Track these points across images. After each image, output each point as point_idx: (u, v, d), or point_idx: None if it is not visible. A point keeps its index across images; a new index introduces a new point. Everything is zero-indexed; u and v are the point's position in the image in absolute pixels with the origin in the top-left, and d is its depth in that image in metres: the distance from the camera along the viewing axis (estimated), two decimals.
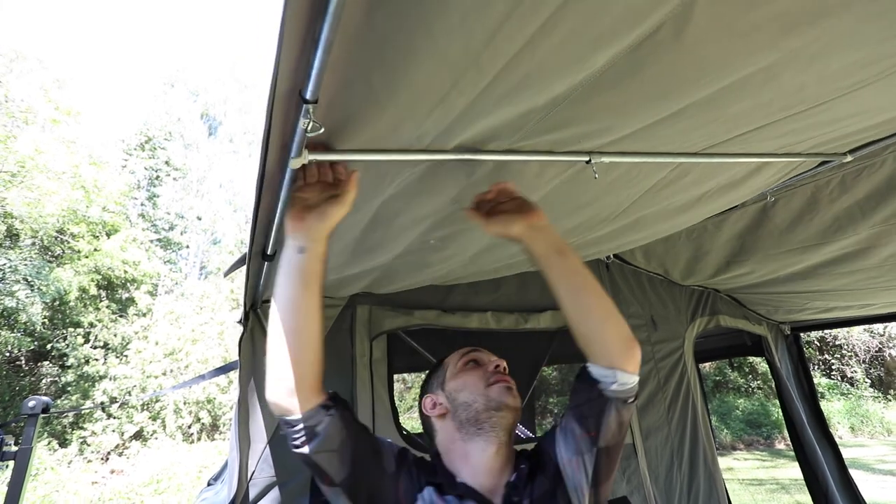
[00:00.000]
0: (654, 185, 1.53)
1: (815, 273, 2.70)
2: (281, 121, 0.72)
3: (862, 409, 12.80)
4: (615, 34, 0.67)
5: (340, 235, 1.40)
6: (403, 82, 0.72)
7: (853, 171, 2.00)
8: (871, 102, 1.24)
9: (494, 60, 0.69)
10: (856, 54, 0.87)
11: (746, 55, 0.77)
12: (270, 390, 0.94)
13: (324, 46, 0.56)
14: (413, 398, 12.94)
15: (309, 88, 0.62)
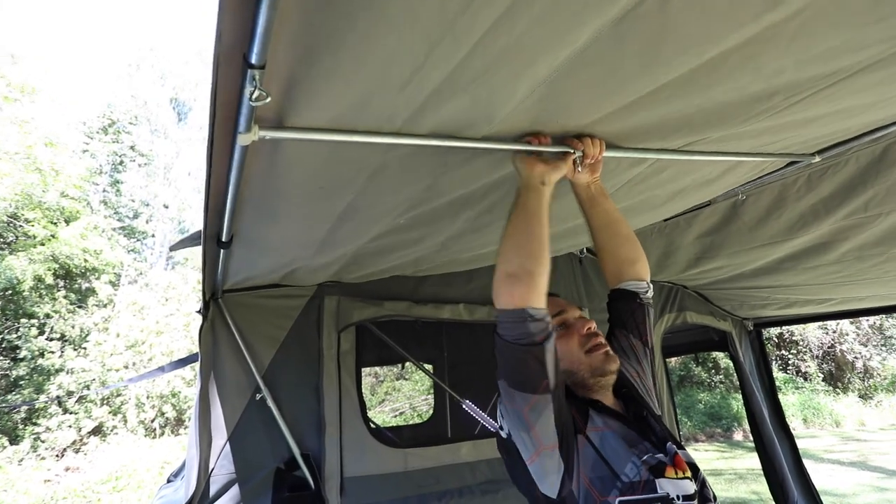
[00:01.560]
0: (632, 178, 1.51)
1: (780, 268, 2.76)
2: (226, 89, 0.65)
3: (814, 402, 13.43)
4: (600, 5, 0.62)
5: (313, 224, 1.33)
6: (373, 52, 0.65)
7: (819, 170, 2.03)
8: (845, 101, 1.24)
9: (471, 29, 0.63)
10: (835, 39, 0.85)
11: (727, 31, 0.74)
12: (521, 283, 0.94)
13: (268, 1, 0.49)
14: (385, 392, 12.86)
15: (254, 51, 0.55)
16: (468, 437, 2.51)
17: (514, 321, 0.91)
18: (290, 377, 2.06)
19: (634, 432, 1.04)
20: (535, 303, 0.92)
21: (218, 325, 1.95)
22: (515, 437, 0.96)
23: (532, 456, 0.94)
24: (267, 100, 0.63)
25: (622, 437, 1.02)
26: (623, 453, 0.96)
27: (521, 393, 0.92)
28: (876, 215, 2.13)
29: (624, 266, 1.27)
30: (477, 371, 3.99)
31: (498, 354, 0.95)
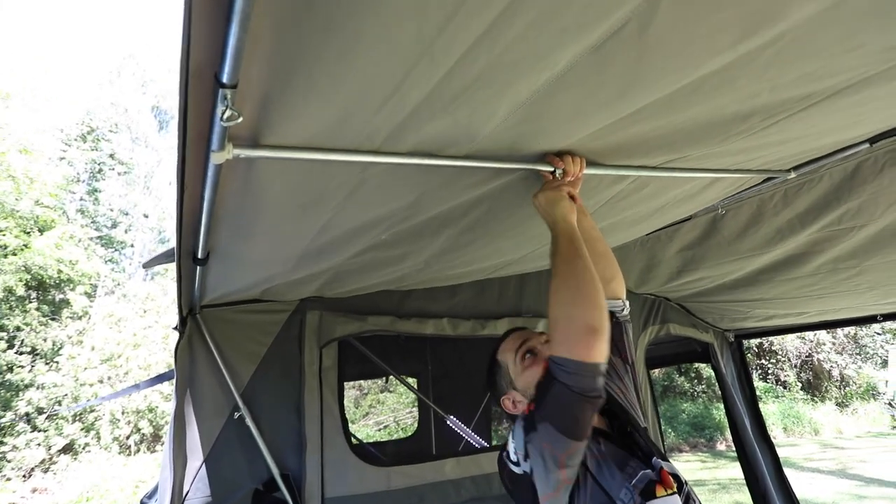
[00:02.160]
0: (614, 195, 1.52)
1: (757, 279, 2.81)
2: (197, 107, 0.62)
3: (794, 410, 13.66)
4: (580, 28, 0.62)
5: (291, 241, 1.30)
6: (350, 72, 0.64)
7: (795, 186, 2.08)
8: (818, 123, 1.27)
9: (449, 50, 0.62)
10: (808, 66, 0.87)
11: (707, 56, 0.75)
12: (601, 338, 0.94)
13: (239, 20, 0.47)
14: (369, 405, 12.69)
15: (225, 70, 0.53)
16: (453, 453, 2.47)
17: (587, 374, 0.91)
18: (270, 395, 2.01)
19: (622, 450, 1.07)
20: (606, 357, 0.94)
21: (195, 342, 1.89)
22: (539, 474, 0.96)
23: (551, 493, 0.96)
24: (239, 120, 0.61)
25: (614, 460, 1.04)
26: (618, 479, 0.99)
27: (566, 438, 0.93)
28: (849, 228, 2.18)
29: (603, 285, 1.30)
30: (461, 385, 3.96)
31: (552, 400, 0.94)
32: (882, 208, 1.99)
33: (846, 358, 14.99)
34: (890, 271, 2.48)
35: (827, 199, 2.07)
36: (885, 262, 2.38)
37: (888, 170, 1.84)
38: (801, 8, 0.68)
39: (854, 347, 15.36)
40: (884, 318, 3.48)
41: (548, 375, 0.95)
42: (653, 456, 1.07)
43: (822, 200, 2.09)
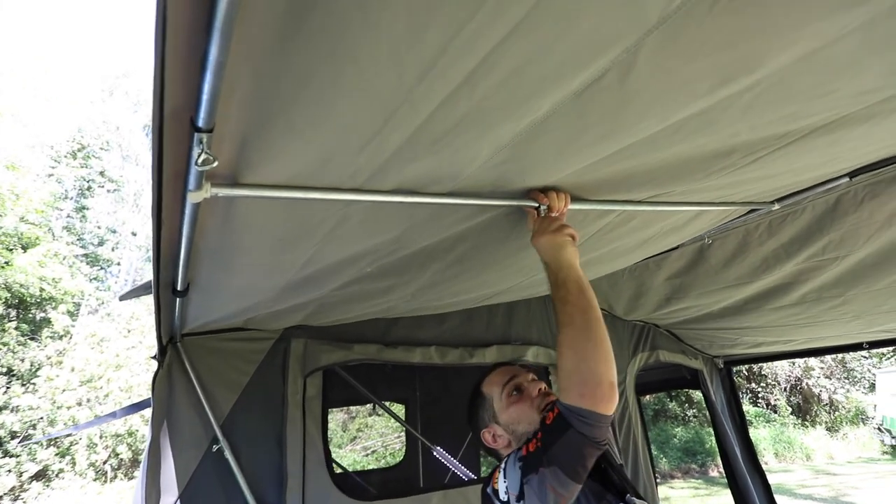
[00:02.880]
0: (600, 229, 1.52)
1: (745, 308, 2.82)
2: (173, 147, 0.61)
3: (785, 435, 13.61)
4: (560, 77, 0.62)
5: (274, 274, 1.28)
6: (329, 117, 0.64)
7: (779, 217, 2.11)
8: (797, 160, 1.30)
9: (430, 97, 0.62)
10: (785, 109, 0.88)
11: (683, 103, 0.76)
12: (615, 393, 0.96)
13: (213, 69, 0.47)
14: (357, 429, 12.42)
15: (201, 115, 0.53)
16: (440, 485, 2.41)
17: (603, 424, 0.95)
18: (252, 426, 1.95)
19: (598, 483, 1.11)
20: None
21: (175, 371, 1.84)
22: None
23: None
24: (214, 164, 0.60)
25: (593, 494, 1.08)
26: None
27: (571, 481, 0.96)
28: (832, 259, 2.21)
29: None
30: (451, 412, 3.88)
31: (565, 445, 0.96)
32: (863, 240, 2.02)
33: (835, 382, 15.05)
34: (873, 301, 2.50)
35: (810, 230, 2.11)
36: (868, 292, 2.41)
37: (867, 203, 1.88)
38: (776, 58, 0.69)
39: (842, 371, 15.44)
40: (870, 346, 3.51)
41: (561, 421, 0.96)
42: (626, 492, 1.11)
43: (805, 231, 2.12)
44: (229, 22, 0.43)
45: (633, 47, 0.59)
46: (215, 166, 0.60)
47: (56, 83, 20.39)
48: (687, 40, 0.60)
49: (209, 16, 0.43)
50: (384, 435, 11.78)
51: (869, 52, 0.71)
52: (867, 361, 15.55)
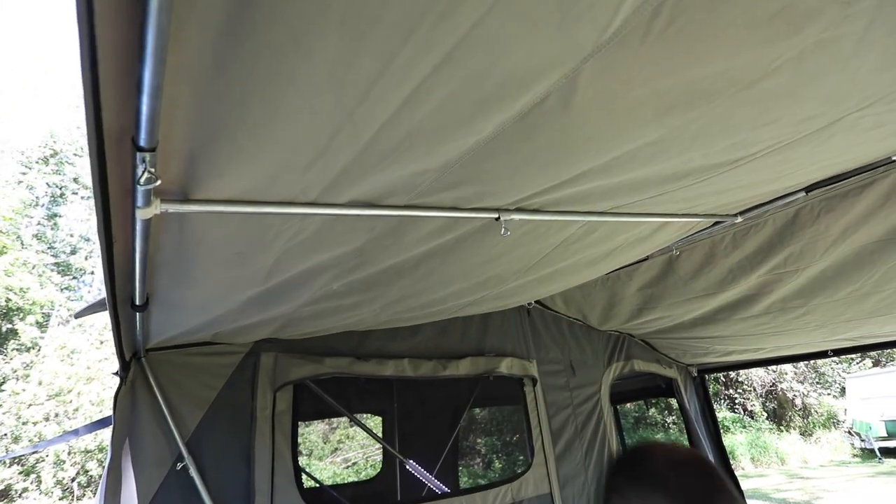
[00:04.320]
0: (565, 239, 1.55)
1: (715, 319, 2.89)
2: (117, 166, 0.61)
3: (761, 440, 13.85)
4: (500, 100, 0.64)
5: (236, 287, 1.27)
6: (273, 137, 0.64)
7: (743, 229, 2.17)
8: (750, 178, 1.35)
9: (371, 118, 0.63)
10: (731, 138, 0.92)
11: (633, 128, 0.78)
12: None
13: (149, 91, 0.47)
14: (338, 440, 12.24)
15: (142, 135, 0.53)
16: (416, 499, 2.39)
17: None
18: (219, 442, 1.90)
19: None
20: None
21: (139, 387, 1.79)
22: None
23: None
24: (157, 182, 0.60)
25: None
26: None
27: None
28: (794, 270, 2.28)
29: None
30: (429, 423, 3.86)
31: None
32: (821, 252, 2.10)
33: (807, 386, 15.43)
34: (834, 310, 2.59)
35: (772, 243, 2.17)
36: (829, 302, 2.49)
37: (824, 216, 1.95)
38: (714, 86, 0.72)
39: (814, 376, 15.84)
40: (834, 353, 3.61)
41: None
42: None
43: (768, 243, 2.19)
44: (161, 48, 0.44)
45: (571, 73, 0.61)
46: (158, 184, 0.60)
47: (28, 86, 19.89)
48: (624, 68, 0.63)
49: (140, 41, 0.43)
50: (365, 446, 11.63)
51: (802, 83, 0.75)
52: (838, 367, 15.99)
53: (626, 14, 0.53)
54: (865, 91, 0.86)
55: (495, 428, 10.62)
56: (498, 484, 2.50)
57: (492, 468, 10.43)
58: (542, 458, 2.68)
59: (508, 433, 10.54)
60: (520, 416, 2.79)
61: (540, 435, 2.71)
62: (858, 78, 0.79)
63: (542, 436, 2.71)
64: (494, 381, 2.77)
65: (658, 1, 0.52)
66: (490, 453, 10.52)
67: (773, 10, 0.57)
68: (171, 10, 0.40)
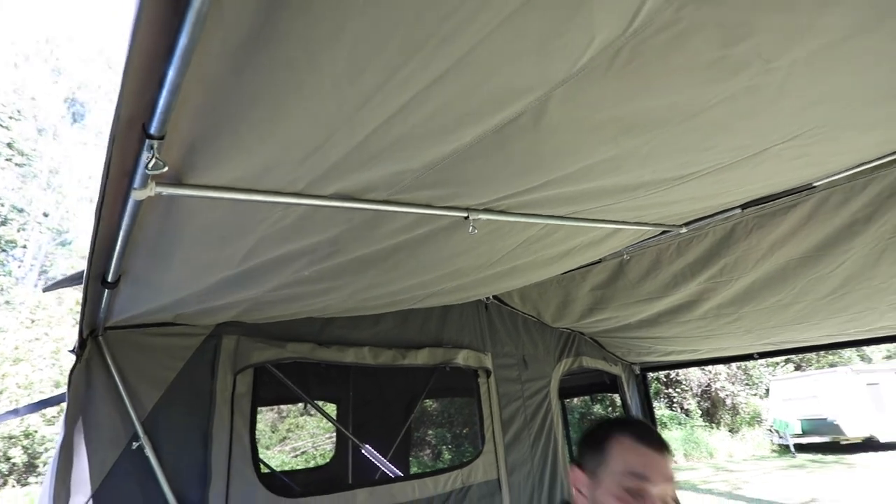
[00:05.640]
0: (526, 239, 1.66)
1: (657, 321, 3.11)
2: (123, 147, 0.65)
3: (694, 436, 14.83)
4: (481, 114, 0.73)
5: (212, 268, 1.29)
6: (274, 134, 0.70)
7: (686, 239, 2.36)
8: (694, 193, 1.50)
9: (367, 122, 0.70)
10: (678, 159, 1.05)
11: (594, 146, 0.89)
12: None
13: (170, 88, 0.52)
14: (287, 429, 12.06)
15: (153, 124, 0.58)
16: (368, 482, 2.46)
17: None
18: (176, 423, 1.90)
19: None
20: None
21: (94, 366, 1.77)
22: None
23: None
24: (164, 169, 0.64)
25: None
26: None
27: None
28: (728, 280, 2.51)
29: None
30: (383, 412, 3.93)
31: None
32: (752, 264, 2.32)
33: (738, 387, 16.60)
34: (761, 318, 2.86)
35: (711, 253, 2.38)
36: (757, 310, 2.75)
37: (755, 232, 2.16)
38: (662, 115, 0.84)
39: (744, 378, 17.08)
40: (759, 356, 3.96)
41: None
42: None
43: (707, 253, 2.39)
44: (188, 52, 0.49)
45: (543, 97, 0.70)
46: (165, 171, 0.64)
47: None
48: (588, 95, 0.73)
49: (171, 45, 0.49)
50: (315, 435, 11.53)
51: (735, 118, 0.88)
52: (765, 370, 17.29)
53: (593, 53, 0.63)
54: (787, 128, 1.01)
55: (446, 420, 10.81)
56: (449, 469, 2.61)
57: (441, 459, 10.63)
58: (492, 445, 2.81)
59: (459, 426, 10.77)
60: (471, 410, 2.91)
61: (491, 424, 2.84)
62: (780, 117, 0.93)
63: (492, 425, 2.84)
64: (450, 371, 2.88)
65: (619, 45, 0.62)
66: (440, 444, 10.70)
67: (710, 59, 0.68)
68: (204, 23, 0.46)
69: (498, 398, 2.94)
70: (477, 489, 2.66)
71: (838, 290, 2.45)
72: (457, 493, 2.56)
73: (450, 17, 0.51)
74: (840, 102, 0.94)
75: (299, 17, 0.48)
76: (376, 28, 0.51)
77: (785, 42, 0.69)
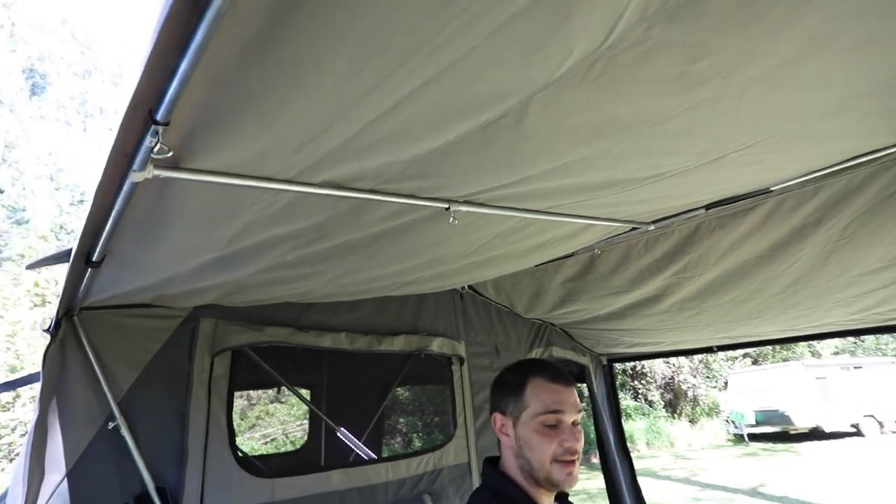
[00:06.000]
0: (503, 231, 1.73)
1: (624, 314, 3.26)
2: (127, 133, 0.68)
3: (657, 426, 15.46)
4: (467, 114, 0.79)
5: (198, 250, 1.31)
6: (273, 125, 0.74)
7: (654, 236, 2.48)
8: (661, 192, 1.61)
9: (362, 116, 0.75)
10: (646, 160, 1.14)
11: (569, 146, 0.96)
12: None
13: (181, 78, 0.56)
14: (256, 416, 11.97)
15: (161, 111, 0.62)
16: (341, 464, 2.52)
17: None
18: (153, 404, 1.91)
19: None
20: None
21: (69, 346, 1.76)
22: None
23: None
24: (168, 154, 0.68)
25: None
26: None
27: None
28: (691, 276, 2.65)
29: None
30: (356, 398, 3.99)
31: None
32: (713, 261, 2.47)
33: (699, 380, 17.34)
34: (721, 312, 3.03)
35: (676, 250, 2.51)
36: (717, 305, 2.91)
37: (717, 231, 2.30)
38: (630, 121, 0.92)
39: (706, 371, 17.84)
40: (719, 349, 4.18)
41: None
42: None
43: (673, 250, 2.52)
44: (203, 47, 0.53)
45: (525, 100, 0.77)
46: (170, 155, 0.68)
47: None
48: (566, 101, 0.80)
49: (187, 40, 0.53)
50: (285, 423, 11.49)
51: (696, 126, 0.96)
52: (725, 364, 18.10)
53: (571, 64, 0.70)
54: (743, 137, 1.10)
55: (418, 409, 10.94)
56: (422, 452, 2.70)
57: (412, 447, 10.77)
58: (464, 431, 2.91)
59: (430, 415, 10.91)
60: (442, 399, 3.00)
61: (463, 410, 2.94)
62: (736, 127, 1.02)
63: (465, 411, 2.94)
64: (424, 359, 2.95)
65: (594, 58, 0.69)
66: (412, 433, 10.83)
67: (673, 74, 0.76)
68: (222, 20, 0.51)
69: (470, 385, 3.03)
70: (448, 472, 2.75)
71: (789, 288, 2.63)
72: (429, 476, 2.65)
73: (445, 27, 0.57)
74: (790, 116, 1.04)
75: (309, 20, 0.52)
76: (378, 33, 0.56)
77: (740, 62, 0.77)
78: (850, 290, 2.62)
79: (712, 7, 0.63)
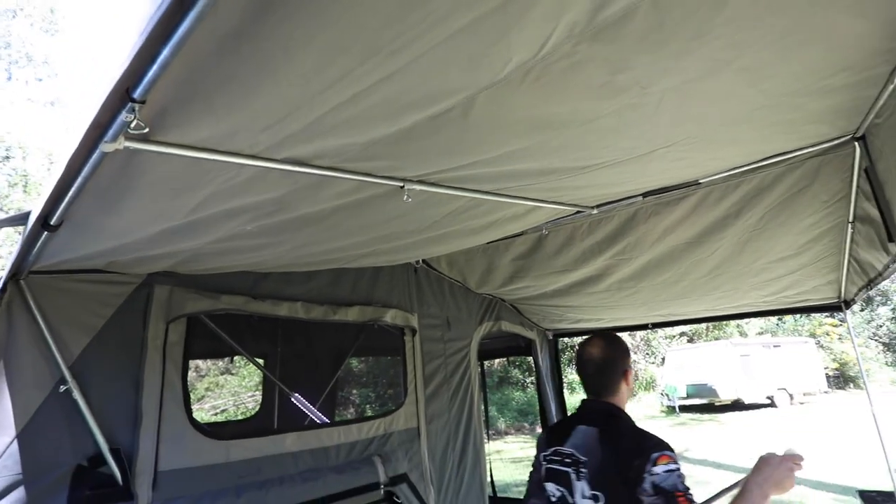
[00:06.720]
0: (455, 209, 1.85)
1: (568, 292, 3.49)
2: (103, 107, 0.73)
3: None
4: (419, 106, 0.89)
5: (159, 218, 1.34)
6: (243, 108, 0.81)
7: (597, 219, 2.67)
8: (600, 181, 1.77)
9: (325, 103, 0.83)
10: (584, 152, 1.28)
11: (511, 137, 1.08)
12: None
13: (161, 63, 0.63)
14: (205, 388, 11.78)
15: (138, 91, 0.68)
16: (295, 428, 2.61)
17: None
18: (106, 368, 1.93)
19: None
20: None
21: (16, 309, 1.74)
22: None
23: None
24: (145, 130, 0.74)
25: None
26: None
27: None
28: (629, 258, 2.88)
29: None
30: (310, 366, 4.07)
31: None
32: (648, 245, 2.70)
33: (640, 357, 18.49)
34: (654, 292, 3.31)
35: (616, 234, 2.72)
36: (651, 286, 3.18)
37: (652, 218, 2.51)
38: (566, 119, 1.04)
39: (646, 349, 19.03)
40: (653, 326, 4.55)
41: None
42: None
43: (613, 233, 2.73)
44: (184, 37, 0.60)
45: (471, 96, 0.87)
46: (146, 131, 0.74)
47: None
48: (507, 99, 0.91)
49: (170, 31, 0.60)
50: (236, 393, 11.39)
51: (623, 126, 1.11)
52: (664, 341, 19.36)
53: (511, 69, 0.81)
54: (666, 136, 1.26)
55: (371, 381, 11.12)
56: (373, 418, 2.84)
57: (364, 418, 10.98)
58: (414, 398, 3.07)
59: (383, 387, 11.13)
60: (395, 372, 3.14)
61: (414, 378, 3.09)
62: (659, 128, 1.17)
63: (415, 379, 3.10)
64: (378, 330, 3.07)
65: (531, 65, 0.81)
66: (364, 404, 11.03)
67: (599, 82, 0.89)
68: (204, 18, 0.58)
69: (422, 355, 3.18)
70: (398, 436, 2.92)
71: (713, 272, 2.92)
72: (379, 439, 2.80)
73: (400, 36, 0.66)
74: (704, 121, 1.20)
75: (284, 22, 0.60)
76: (342, 37, 0.64)
77: (656, 76, 0.91)
78: (762, 275, 2.94)
79: (628, 32, 0.76)
